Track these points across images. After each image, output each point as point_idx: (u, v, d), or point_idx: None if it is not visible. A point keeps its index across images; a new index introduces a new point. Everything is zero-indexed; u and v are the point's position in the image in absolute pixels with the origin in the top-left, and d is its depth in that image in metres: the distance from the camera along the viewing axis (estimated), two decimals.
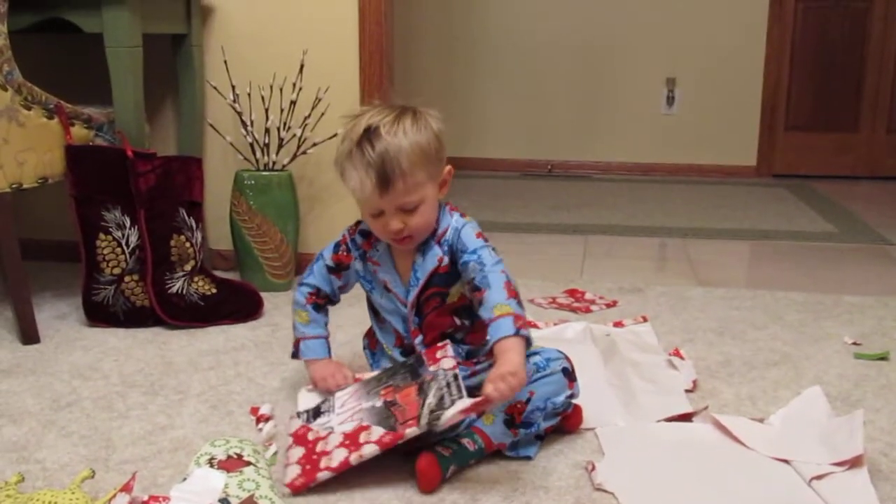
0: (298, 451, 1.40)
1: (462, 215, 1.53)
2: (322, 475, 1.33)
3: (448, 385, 1.36)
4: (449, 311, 1.53)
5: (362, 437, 1.36)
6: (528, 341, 1.36)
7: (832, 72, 4.52)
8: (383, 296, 1.56)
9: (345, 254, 1.60)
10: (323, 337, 1.63)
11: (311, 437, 1.43)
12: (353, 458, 1.33)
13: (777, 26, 4.49)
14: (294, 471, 1.35)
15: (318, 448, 1.39)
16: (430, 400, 1.35)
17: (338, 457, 1.34)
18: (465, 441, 1.39)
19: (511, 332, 1.33)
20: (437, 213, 1.50)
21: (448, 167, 1.50)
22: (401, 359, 1.55)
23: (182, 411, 1.62)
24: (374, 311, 1.62)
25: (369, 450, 1.33)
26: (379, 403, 1.42)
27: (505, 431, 1.42)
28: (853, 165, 4.58)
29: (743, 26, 4.51)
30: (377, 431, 1.36)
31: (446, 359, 1.43)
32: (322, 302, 1.63)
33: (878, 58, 4.47)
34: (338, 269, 1.60)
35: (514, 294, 1.39)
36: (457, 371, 1.39)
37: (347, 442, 1.37)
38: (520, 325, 1.35)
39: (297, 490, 1.32)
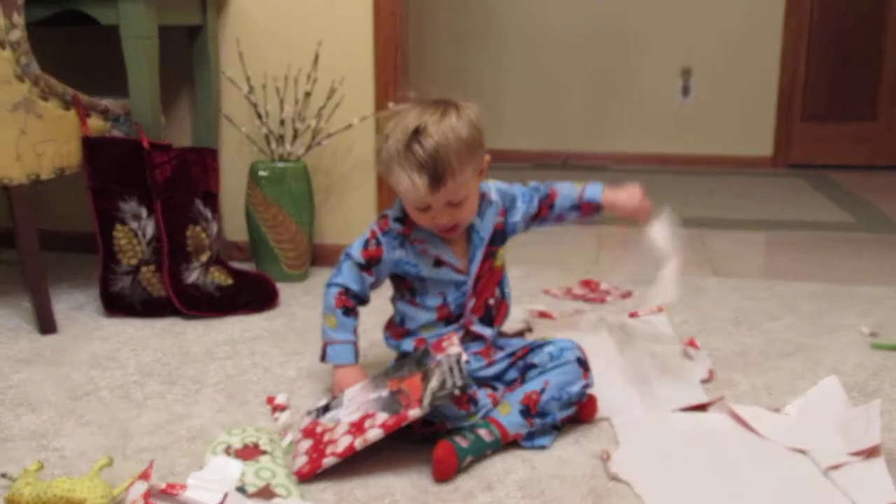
0: (306, 443, 1.42)
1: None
2: (328, 461, 1.34)
3: (451, 369, 1.37)
4: (496, 278, 1.58)
5: (367, 424, 1.37)
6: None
7: (849, 61, 4.48)
8: (432, 272, 1.54)
9: (374, 248, 1.56)
10: (350, 342, 1.59)
11: (319, 430, 1.44)
12: (358, 443, 1.34)
13: (794, 15, 4.45)
14: (301, 460, 1.37)
15: (325, 438, 1.40)
16: (434, 383, 1.36)
17: (343, 443, 1.35)
18: (482, 431, 1.39)
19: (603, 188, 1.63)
20: (478, 202, 1.53)
21: (487, 156, 1.51)
22: (446, 330, 1.54)
23: (199, 400, 1.64)
24: (409, 293, 1.58)
25: (374, 434, 1.34)
26: (385, 393, 1.43)
27: (521, 422, 1.42)
28: (871, 155, 4.54)
29: (759, 15, 4.48)
30: (381, 417, 1.37)
31: (452, 346, 1.44)
32: (352, 304, 1.60)
33: None
34: (369, 265, 1.57)
35: None
36: (461, 356, 1.40)
37: (353, 429, 1.38)
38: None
39: (304, 477, 1.33)
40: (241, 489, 1.23)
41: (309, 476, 1.33)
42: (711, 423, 1.53)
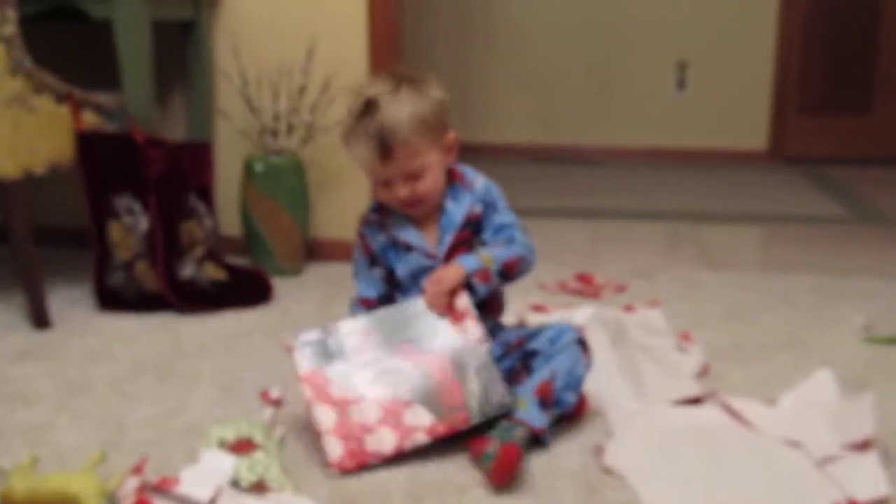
0: (329, 415, 1.38)
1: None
2: (373, 461, 1.35)
3: (487, 368, 1.39)
4: None
5: (407, 419, 1.37)
6: (469, 288, 1.46)
7: (844, 53, 4.47)
8: (405, 260, 1.53)
9: (366, 243, 1.56)
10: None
11: (335, 393, 1.40)
12: (407, 445, 1.36)
13: (788, 8, 4.44)
14: (336, 447, 1.35)
15: (355, 417, 1.38)
16: (474, 387, 1.38)
17: (388, 441, 1.36)
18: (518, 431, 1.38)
19: (466, 269, 1.45)
20: (444, 179, 1.51)
21: (452, 134, 1.50)
22: None
23: (193, 395, 1.64)
24: (397, 288, 1.57)
25: (421, 438, 1.36)
26: (407, 367, 1.41)
27: (540, 413, 1.41)
28: (866, 148, 4.53)
29: (753, 8, 4.47)
30: (423, 415, 1.37)
31: (471, 321, 1.44)
32: (374, 304, 1.57)
33: (892, 38, 4.41)
34: (373, 260, 1.56)
35: (509, 268, 1.48)
36: (487, 346, 1.42)
37: (390, 418, 1.37)
38: (478, 277, 1.46)
39: (346, 471, 1.34)
40: (234, 483, 1.23)
41: (353, 471, 1.34)
42: (705, 416, 1.54)
